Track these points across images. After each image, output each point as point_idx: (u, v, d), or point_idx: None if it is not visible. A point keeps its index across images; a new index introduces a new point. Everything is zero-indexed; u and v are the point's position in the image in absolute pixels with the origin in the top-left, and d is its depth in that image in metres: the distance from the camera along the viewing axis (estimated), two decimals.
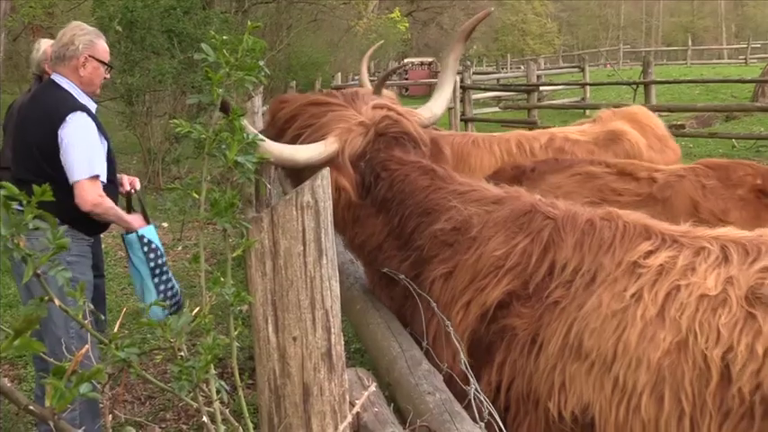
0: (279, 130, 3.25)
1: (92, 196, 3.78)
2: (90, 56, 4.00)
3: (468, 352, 2.59)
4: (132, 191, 4.37)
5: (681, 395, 2.17)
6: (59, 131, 3.81)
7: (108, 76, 4.16)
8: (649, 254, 2.46)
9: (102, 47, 4.09)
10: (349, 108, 3.19)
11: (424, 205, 2.94)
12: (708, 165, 4.66)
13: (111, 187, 4.05)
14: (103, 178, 3.90)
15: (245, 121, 1.77)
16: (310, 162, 2.96)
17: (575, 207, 2.80)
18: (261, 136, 2.88)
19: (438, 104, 3.55)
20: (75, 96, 3.97)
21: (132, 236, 4.15)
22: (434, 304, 2.70)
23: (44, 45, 5.12)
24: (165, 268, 4.24)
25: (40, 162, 3.84)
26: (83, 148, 3.83)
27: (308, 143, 3.06)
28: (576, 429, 2.37)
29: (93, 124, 3.92)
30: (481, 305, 2.63)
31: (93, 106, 4.08)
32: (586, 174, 4.69)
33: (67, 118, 3.84)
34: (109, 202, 3.91)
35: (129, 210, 4.43)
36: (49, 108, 3.91)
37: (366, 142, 3.09)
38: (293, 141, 3.12)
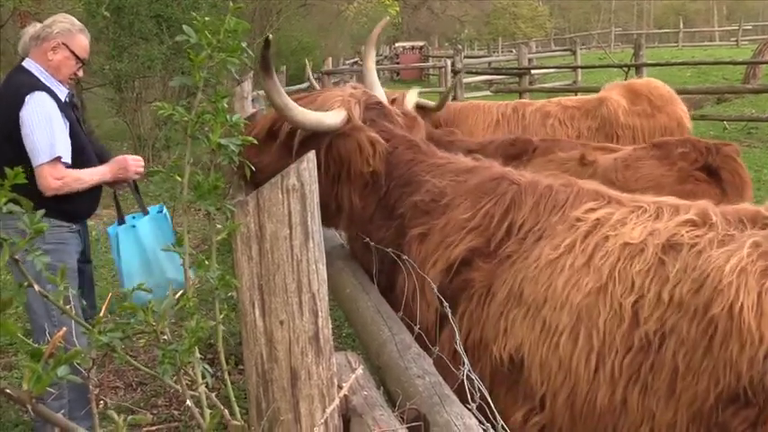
0: (272, 124, 3.35)
1: (51, 181, 3.73)
2: (64, 43, 3.95)
3: (439, 303, 2.77)
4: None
5: (593, 333, 2.39)
6: (20, 113, 3.77)
7: (80, 73, 4.12)
8: (590, 211, 2.67)
9: (81, 41, 4.04)
10: (333, 89, 3.50)
11: (407, 177, 3.16)
12: (655, 144, 4.81)
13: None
14: (66, 159, 3.83)
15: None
16: (334, 125, 3.15)
17: (541, 176, 3.01)
18: (290, 102, 3.04)
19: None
20: (42, 80, 3.92)
21: (161, 216, 4.30)
22: (411, 262, 2.90)
23: (32, 31, 5.08)
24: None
25: (4, 146, 3.80)
26: (42, 130, 3.78)
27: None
28: (512, 370, 2.58)
29: (53, 104, 3.85)
30: (446, 260, 2.85)
31: (63, 92, 4.02)
32: (558, 161, 4.78)
33: (26, 98, 3.80)
34: (72, 177, 3.84)
35: (138, 193, 4.44)
36: (11, 90, 3.87)
37: (362, 110, 3.29)
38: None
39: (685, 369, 2.22)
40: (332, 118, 3.16)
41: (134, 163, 4.17)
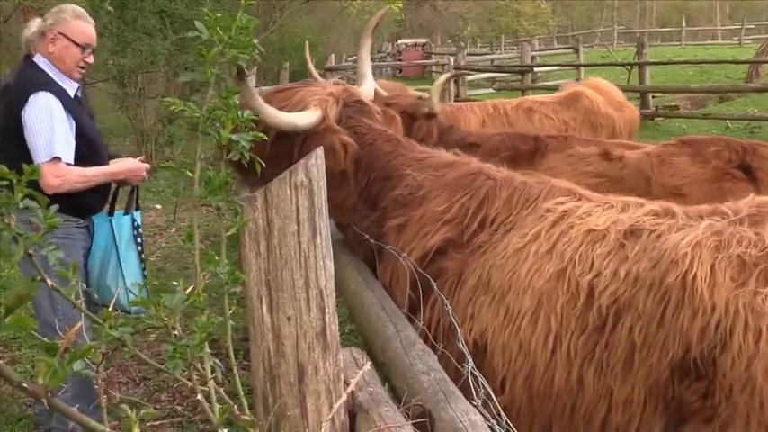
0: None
1: (50, 179, 3.69)
2: (60, 33, 3.90)
3: (411, 291, 2.91)
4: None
5: (551, 316, 2.49)
6: (21, 112, 3.76)
7: (89, 59, 4.07)
8: (559, 204, 2.78)
9: (78, 27, 3.96)
10: (312, 86, 3.59)
11: (387, 170, 3.29)
12: (684, 141, 4.78)
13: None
14: (67, 159, 3.79)
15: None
16: (307, 126, 3.28)
17: (516, 174, 3.15)
18: (263, 104, 3.11)
19: (367, 89, 4.01)
20: (51, 76, 3.91)
21: (126, 218, 4.15)
22: (391, 247, 3.07)
23: (34, 25, 5.08)
24: (142, 255, 4.24)
25: (12, 143, 3.80)
26: (41, 130, 3.74)
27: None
28: (476, 354, 2.63)
29: (57, 104, 3.81)
30: (421, 249, 2.97)
31: (72, 87, 4.00)
32: (577, 156, 4.76)
33: (30, 98, 3.77)
34: (75, 174, 3.80)
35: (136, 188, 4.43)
36: (18, 87, 3.86)
37: (339, 109, 3.41)
38: None
39: (641, 343, 2.29)
40: (305, 119, 3.27)
41: (141, 166, 4.18)
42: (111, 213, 4.29)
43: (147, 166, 4.22)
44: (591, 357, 2.38)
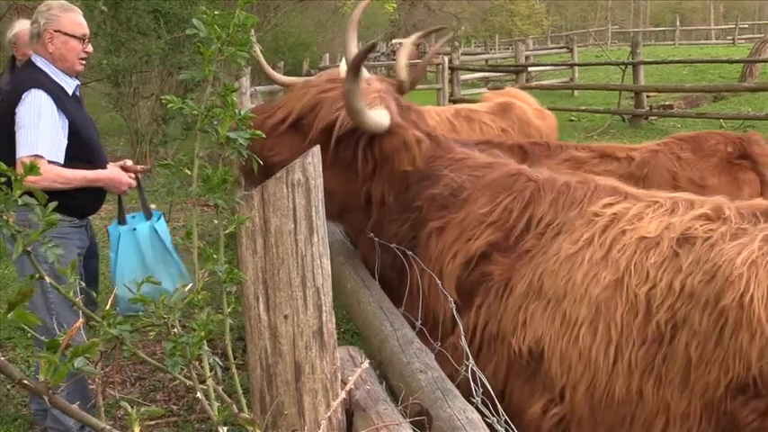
0: (299, 118, 3.23)
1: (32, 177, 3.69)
2: (56, 30, 3.89)
3: (456, 296, 2.82)
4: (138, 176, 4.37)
5: (611, 326, 2.44)
6: (15, 109, 3.76)
7: (89, 49, 4.05)
8: (607, 206, 2.72)
9: (70, 19, 3.95)
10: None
11: (426, 171, 3.14)
12: (680, 138, 4.81)
13: (92, 168, 3.99)
14: (51, 157, 3.76)
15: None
16: (386, 126, 3.06)
17: (556, 174, 3.07)
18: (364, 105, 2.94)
19: None
20: (50, 74, 3.90)
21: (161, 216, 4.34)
22: (429, 254, 2.96)
23: (17, 27, 5.06)
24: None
25: (10, 142, 3.79)
26: (28, 127, 3.72)
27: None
28: (530, 362, 2.61)
29: (50, 102, 3.79)
30: (465, 254, 2.88)
31: (71, 84, 4.00)
32: (574, 159, 4.76)
33: (23, 96, 3.76)
34: (54, 173, 3.75)
35: (143, 194, 4.46)
36: (15, 86, 3.86)
37: (396, 106, 3.24)
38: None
39: (698, 360, 2.26)
40: (384, 118, 3.08)
41: (126, 181, 4.13)
42: (121, 222, 4.32)
43: (131, 182, 4.17)
44: (651, 369, 2.36)
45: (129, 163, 4.39)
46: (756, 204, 2.58)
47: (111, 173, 4.10)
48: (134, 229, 4.28)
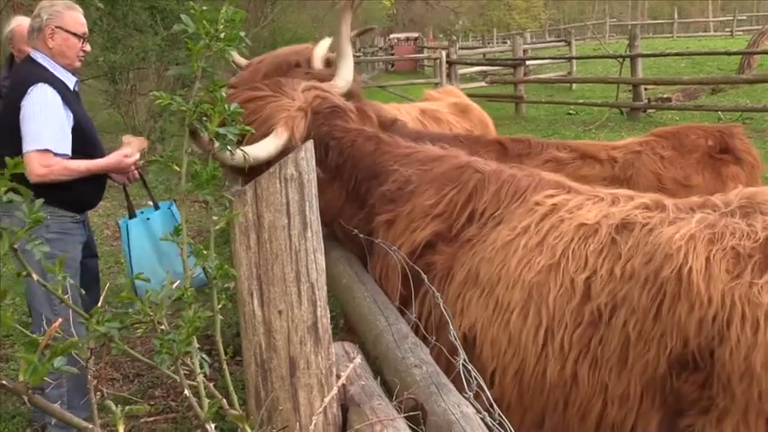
0: None
1: (35, 167, 3.68)
2: (57, 26, 3.91)
3: (402, 285, 2.89)
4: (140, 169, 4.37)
5: (542, 310, 2.47)
6: (21, 104, 3.76)
7: (87, 48, 4.06)
8: (549, 197, 2.77)
9: (72, 18, 3.98)
10: (281, 97, 3.44)
11: (373, 169, 3.27)
12: (660, 134, 4.75)
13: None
14: (59, 150, 3.79)
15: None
16: (271, 156, 3.09)
17: (505, 166, 3.13)
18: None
19: (346, 71, 3.89)
20: (51, 70, 3.90)
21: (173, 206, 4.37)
22: (381, 241, 3.05)
23: (14, 23, 5.04)
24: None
25: (14, 136, 3.79)
26: (35, 121, 3.74)
27: (256, 140, 3.14)
28: (466, 348, 2.56)
29: (56, 97, 3.81)
30: (410, 244, 2.96)
31: (71, 80, 4.01)
32: (556, 160, 4.71)
33: (29, 89, 3.77)
34: (61, 166, 3.79)
35: (147, 187, 4.48)
36: (18, 82, 3.86)
37: (308, 123, 3.33)
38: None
39: (636, 338, 2.28)
40: (268, 146, 3.12)
41: (132, 161, 4.10)
42: (131, 215, 4.34)
43: (135, 159, 4.14)
44: (586, 352, 2.37)
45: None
46: (693, 200, 2.61)
47: (116, 158, 4.09)
48: (147, 219, 4.30)
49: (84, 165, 3.91)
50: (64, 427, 4.07)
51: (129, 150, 4.25)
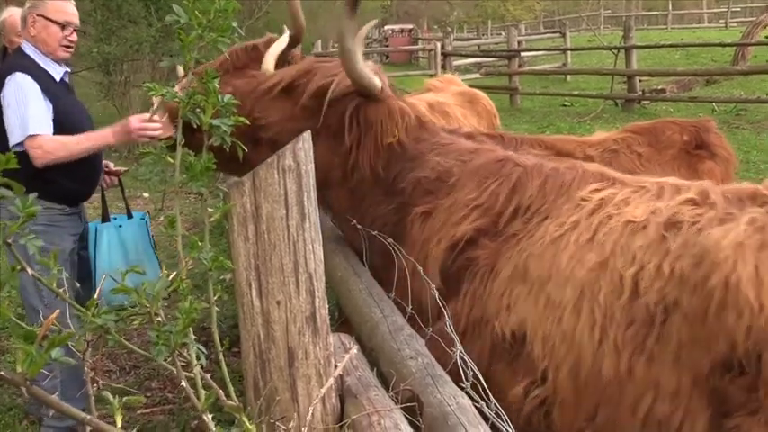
0: (292, 81, 3.21)
1: (36, 153, 3.68)
2: (39, 14, 3.88)
3: (441, 281, 2.82)
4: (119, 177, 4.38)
5: (595, 307, 2.42)
6: (0, 94, 3.76)
7: (72, 37, 4.01)
8: (595, 191, 2.71)
9: (54, 6, 3.93)
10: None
11: (412, 152, 3.14)
12: (634, 131, 4.70)
13: (90, 159, 3.96)
14: (46, 131, 3.76)
15: None
16: (377, 90, 3.03)
17: (545, 159, 3.07)
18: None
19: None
20: (36, 61, 3.88)
21: (146, 218, 4.37)
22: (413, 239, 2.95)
23: (5, 14, 5.01)
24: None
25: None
26: (15, 109, 3.72)
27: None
28: (513, 345, 2.60)
29: (33, 85, 3.77)
30: (450, 239, 2.86)
31: (58, 71, 3.98)
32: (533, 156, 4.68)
33: (6, 80, 3.76)
34: (61, 146, 3.75)
35: (124, 195, 4.48)
36: (2, 73, 3.84)
37: (386, 81, 3.17)
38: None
39: (685, 338, 2.26)
40: (376, 80, 3.04)
41: (139, 125, 3.85)
42: (104, 219, 4.32)
43: (145, 117, 3.93)
44: (641, 350, 2.34)
45: (111, 165, 4.39)
46: (742, 189, 2.56)
47: (121, 123, 3.94)
48: (120, 226, 4.27)
49: (90, 138, 3.86)
50: (60, 419, 4.07)
51: (111, 165, 4.25)
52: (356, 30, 2.87)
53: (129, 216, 4.46)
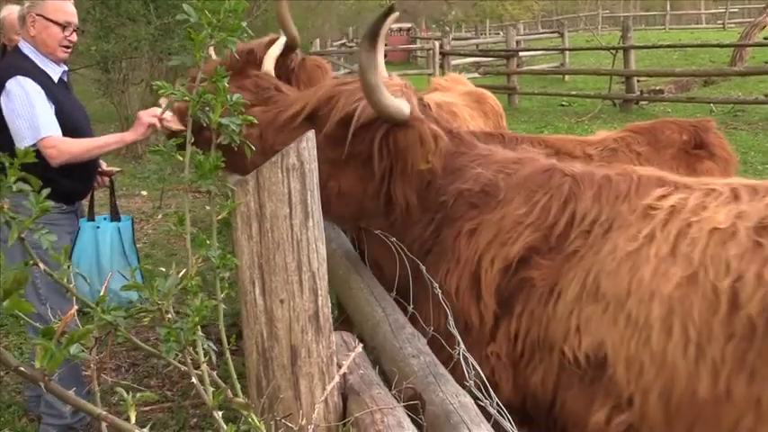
0: (315, 110, 3.05)
1: (51, 153, 3.69)
2: (38, 14, 3.85)
3: (496, 304, 2.67)
4: (112, 177, 4.39)
5: (689, 324, 2.24)
6: (0, 100, 3.75)
7: (72, 37, 3.99)
8: (662, 198, 2.52)
9: (54, 6, 3.90)
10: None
11: (451, 167, 2.96)
12: (634, 130, 4.69)
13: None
14: (57, 132, 3.78)
15: None
16: (405, 116, 2.84)
17: (591, 167, 2.89)
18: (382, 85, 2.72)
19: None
20: (34, 61, 3.87)
21: (129, 221, 4.33)
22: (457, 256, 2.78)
23: (4, 12, 5.00)
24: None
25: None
26: (22, 113, 3.72)
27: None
28: (588, 370, 2.43)
29: (35, 86, 3.77)
30: (504, 259, 2.69)
31: (56, 71, 3.97)
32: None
33: (6, 84, 3.74)
34: (77, 145, 3.79)
35: (113, 196, 4.48)
36: (1, 74, 3.83)
37: (417, 102, 3.03)
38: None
39: None
40: (404, 106, 2.84)
41: (151, 114, 3.83)
42: (91, 218, 4.31)
43: (153, 111, 3.88)
44: (741, 367, 2.17)
45: (104, 165, 4.40)
46: None
47: (137, 122, 3.88)
48: (97, 227, 4.26)
49: (107, 141, 3.93)
50: (59, 417, 4.08)
51: (104, 165, 4.26)
52: (377, 63, 2.74)
53: (114, 218, 4.41)
